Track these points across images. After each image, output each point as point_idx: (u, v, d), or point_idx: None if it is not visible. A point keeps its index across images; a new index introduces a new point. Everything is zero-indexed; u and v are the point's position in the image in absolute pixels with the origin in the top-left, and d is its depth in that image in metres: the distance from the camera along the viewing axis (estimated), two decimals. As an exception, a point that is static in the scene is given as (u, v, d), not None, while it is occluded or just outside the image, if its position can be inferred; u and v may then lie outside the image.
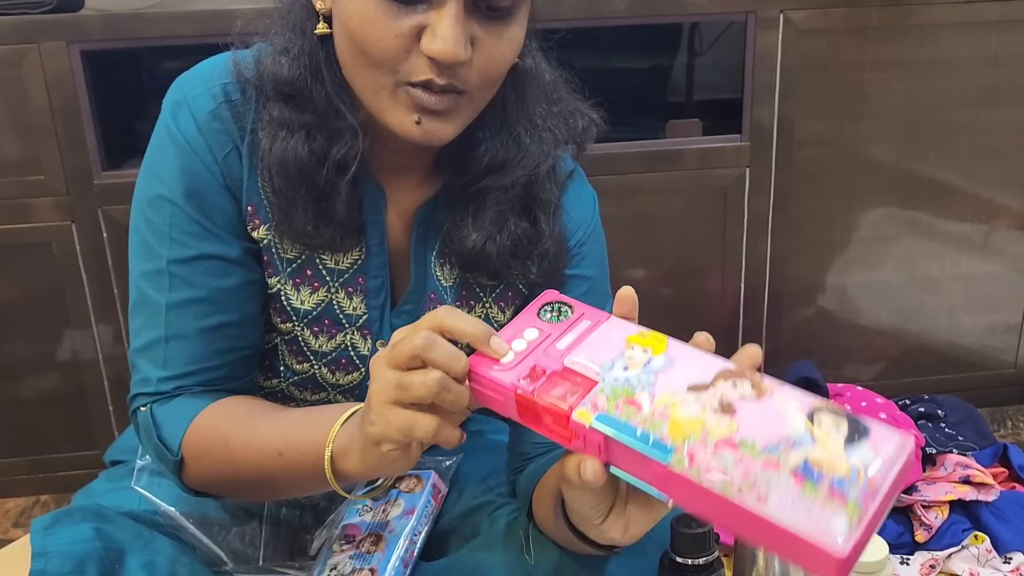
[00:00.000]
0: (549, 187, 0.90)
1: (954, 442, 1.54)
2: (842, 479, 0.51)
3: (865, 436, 0.54)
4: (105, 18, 1.46)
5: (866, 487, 0.51)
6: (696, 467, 0.54)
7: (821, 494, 0.51)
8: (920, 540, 1.39)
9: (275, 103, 0.83)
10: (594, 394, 0.61)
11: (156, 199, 0.84)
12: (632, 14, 1.56)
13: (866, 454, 0.53)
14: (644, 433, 0.57)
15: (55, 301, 1.56)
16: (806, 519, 0.50)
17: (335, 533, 0.98)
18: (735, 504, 0.52)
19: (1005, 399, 1.93)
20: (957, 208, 1.77)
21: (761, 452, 0.54)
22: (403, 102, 0.77)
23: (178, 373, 0.85)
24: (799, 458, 0.53)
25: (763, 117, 1.65)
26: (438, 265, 0.93)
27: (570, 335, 0.66)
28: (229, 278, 0.86)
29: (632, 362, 0.62)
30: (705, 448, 0.55)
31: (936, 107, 1.69)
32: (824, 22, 1.61)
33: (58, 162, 1.49)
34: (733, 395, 0.58)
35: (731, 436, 0.55)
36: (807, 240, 1.75)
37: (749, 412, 0.57)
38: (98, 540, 0.79)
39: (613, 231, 1.64)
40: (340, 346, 0.93)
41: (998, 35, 1.66)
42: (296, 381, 0.96)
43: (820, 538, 0.49)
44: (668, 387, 0.60)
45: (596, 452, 0.60)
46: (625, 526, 0.67)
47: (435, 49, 0.73)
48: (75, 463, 1.65)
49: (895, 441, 0.54)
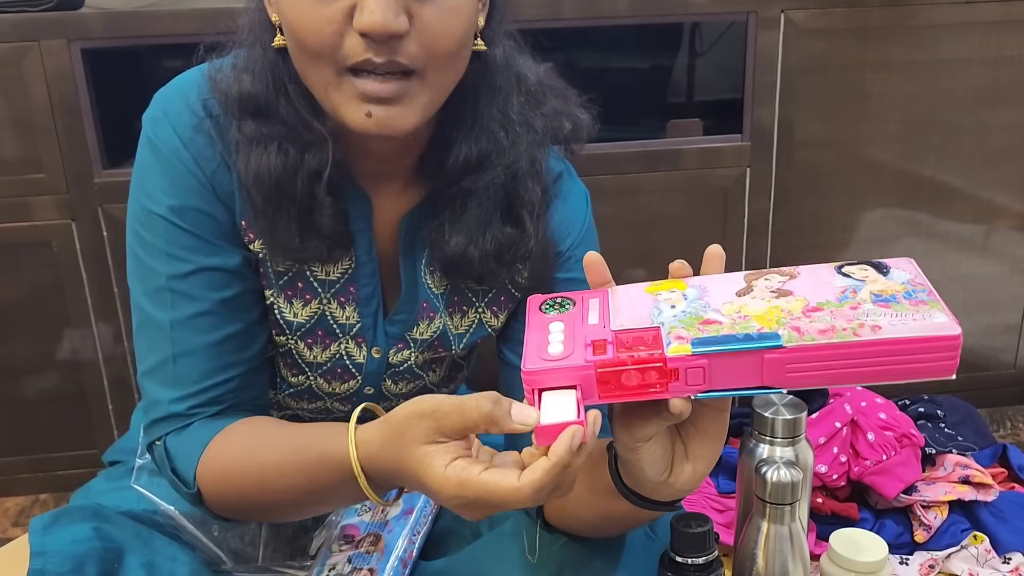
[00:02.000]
0: (532, 187, 0.88)
1: (953, 442, 1.54)
2: (908, 292, 0.61)
3: (888, 268, 0.64)
4: (105, 16, 1.46)
5: (925, 289, 0.61)
6: (808, 334, 0.59)
7: (907, 306, 0.60)
8: (919, 540, 1.39)
9: (244, 120, 0.82)
10: (668, 334, 0.62)
11: (147, 217, 0.84)
12: (633, 14, 1.55)
13: (901, 274, 0.63)
14: (743, 335, 0.60)
15: (55, 300, 1.56)
16: (919, 325, 0.58)
17: (334, 533, 0.98)
18: (858, 345, 0.58)
19: (1005, 399, 1.93)
20: (957, 209, 1.77)
21: (839, 303, 0.61)
22: (349, 94, 0.76)
23: (190, 392, 0.84)
24: (867, 294, 0.61)
25: (764, 117, 1.64)
26: (428, 273, 0.92)
27: (592, 313, 0.67)
28: (230, 288, 0.85)
29: (673, 300, 0.65)
30: (799, 319, 0.60)
31: (936, 108, 1.69)
32: (825, 22, 1.61)
33: (58, 160, 1.48)
34: (776, 284, 0.64)
35: (808, 305, 0.61)
36: (807, 241, 1.74)
37: (801, 287, 0.63)
38: (97, 540, 0.80)
39: (613, 231, 1.66)
40: (335, 356, 0.93)
41: (999, 36, 1.66)
42: (292, 392, 0.96)
43: (939, 331, 0.57)
44: (722, 301, 0.64)
45: (699, 381, 0.61)
46: (693, 467, 0.70)
47: (364, 22, 0.72)
48: (74, 462, 1.65)
49: (906, 262, 0.65)
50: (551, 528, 0.88)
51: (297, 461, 0.78)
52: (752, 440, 1.02)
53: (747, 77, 1.62)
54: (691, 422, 0.68)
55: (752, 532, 0.93)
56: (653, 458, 0.68)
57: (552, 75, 0.93)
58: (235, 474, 0.81)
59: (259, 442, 0.82)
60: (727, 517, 1.43)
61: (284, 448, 0.80)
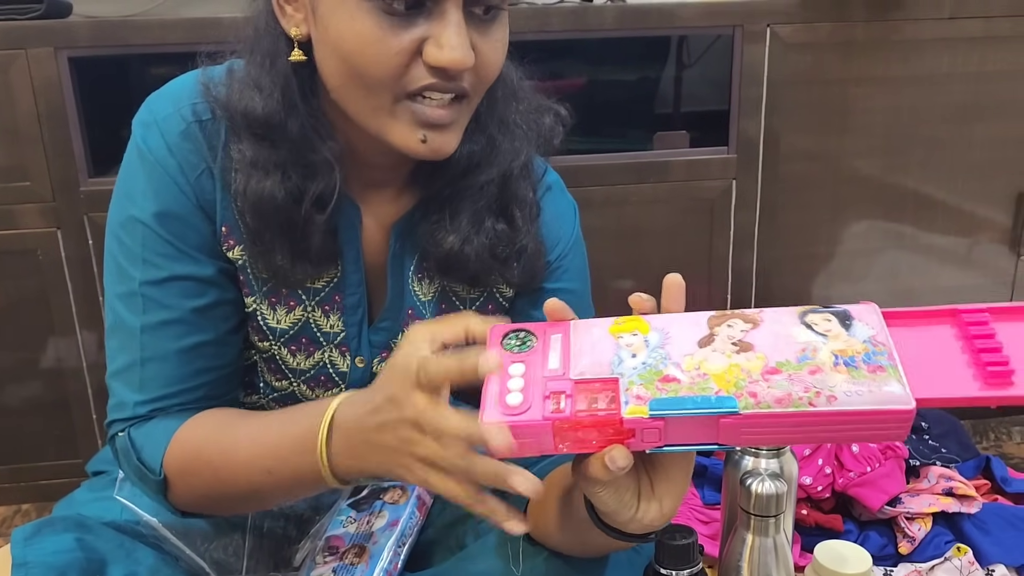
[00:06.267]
0: (524, 186, 0.90)
1: (937, 454, 1.55)
2: (868, 354, 0.59)
3: (852, 320, 0.62)
4: (93, 25, 1.45)
5: (885, 351, 0.59)
6: (763, 401, 0.59)
7: (865, 373, 0.58)
8: (903, 552, 1.39)
9: (247, 141, 0.81)
10: (626, 390, 0.61)
11: (128, 221, 0.83)
12: (620, 27, 1.57)
13: (863, 330, 0.61)
14: (700, 398, 0.60)
15: (39, 308, 1.55)
16: (874, 398, 0.57)
17: (319, 544, 0.97)
18: (813, 415, 0.58)
19: (988, 412, 1.94)
20: (940, 222, 1.79)
21: (799, 365, 0.60)
22: (405, 119, 0.76)
23: (155, 396, 0.84)
24: (828, 355, 0.60)
25: (750, 130, 1.66)
26: (416, 280, 0.92)
27: (553, 354, 0.65)
28: (203, 298, 0.85)
29: (634, 348, 0.64)
30: (757, 383, 0.59)
31: (920, 122, 1.71)
32: (810, 37, 1.62)
33: (44, 169, 1.48)
34: (736, 333, 0.63)
35: (767, 365, 0.60)
36: (792, 253, 1.76)
37: (762, 340, 0.62)
38: (79, 550, 0.79)
39: (600, 242, 1.66)
40: (318, 363, 0.93)
41: (981, 51, 1.68)
42: (276, 397, 0.96)
43: (893, 404, 0.57)
44: (683, 352, 0.63)
45: (654, 439, 0.61)
46: (659, 505, 0.67)
47: (445, 59, 0.72)
48: (58, 472, 1.64)
49: (869, 310, 0.63)
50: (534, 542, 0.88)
51: (264, 436, 0.78)
52: (737, 452, 1.02)
53: (733, 90, 1.64)
54: (655, 464, 0.67)
55: (737, 544, 0.93)
56: (617, 499, 0.66)
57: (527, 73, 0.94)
58: (202, 457, 0.81)
59: (228, 424, 0.82)
60: (712, 528, 1.44)
61: (253, 427, 0.80)
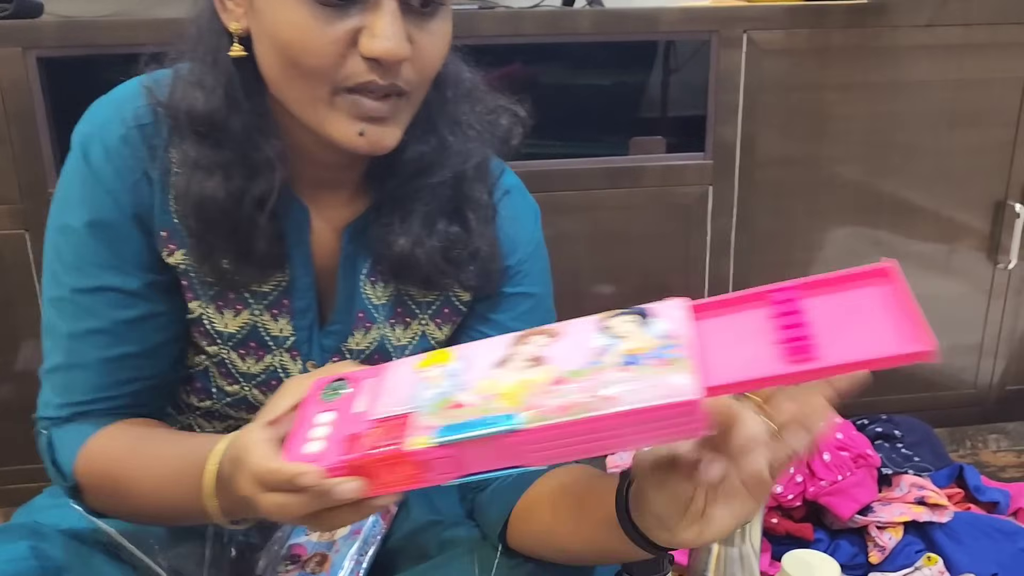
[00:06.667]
0: (478, 187, 0.89)
1: (910, 463, 1.55)
2: (658, 349, 0.57)
3: (652, 315, 0.61)
4: (62, 25, 1.44)
5: (677, 343, 0.57)
6: (546, 413, 0.57)
7: (651, 369, 0.56)
8: (874, 561, 1.39)
9: (190, 141, 0.80)
10: (416, 422, 0.61)
11: (63, 227, 0.83)
12: (596, 31, 1.56)
13: (661, 325, 0.60)
14: (484, 419, 0.58)
15: (5, 311, 1.53)
16: (654, 393, 0.54)
17: (281, 553, 0.96)
18: (594, 419, 0.55)
19: (965, 419, 1.95)
20: (919, 228, 1.79)
21: (588, 370, 0.58)
22: (344, 111, 0.76)
23: (76, 401, 0.85)
24: (617, 356, 0.58)
25: (726, 136, 1.65)
26: (369, 283, 0.91)
27: (362, 397, 0.66)
28: (131, 310, 0.84)
29: (432, 379, 0.64)
30: (543, 395, 0.58)
31: (898, 129, 1.71)
32: (787, 43, 1.62)
33: (12, 170, 1.46)
34: (534, 350, 0.62)
35: (556, 376, 0.59)
36: (769, 259, 1.75)
37: (556, 352, 0.61)
38: (34, 558, 0.78)
39: (575, 247, 1.66)
40: (269, 367, 0.92)
41: (959, 59, 1.68)
42: (229, 402, 0.95)
43: (674, 397, 0.54)
44: (478, 377, 0.62)
45: (450, 469, 0.60)
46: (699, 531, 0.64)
47: (378, 48, 0.72)
48: (24, 476, 1.62)
49: (674, 305, 0.61)
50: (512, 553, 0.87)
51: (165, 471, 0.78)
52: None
53: (710, 96, 1.64)
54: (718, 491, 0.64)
55: (703, 553, 0.93)
56: (666, 494, 0.65)
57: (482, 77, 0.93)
58: (110, 476, 0.82)
59: (136, 450, 0.82)
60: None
61: (157, 459, 0.80)
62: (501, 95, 0.93)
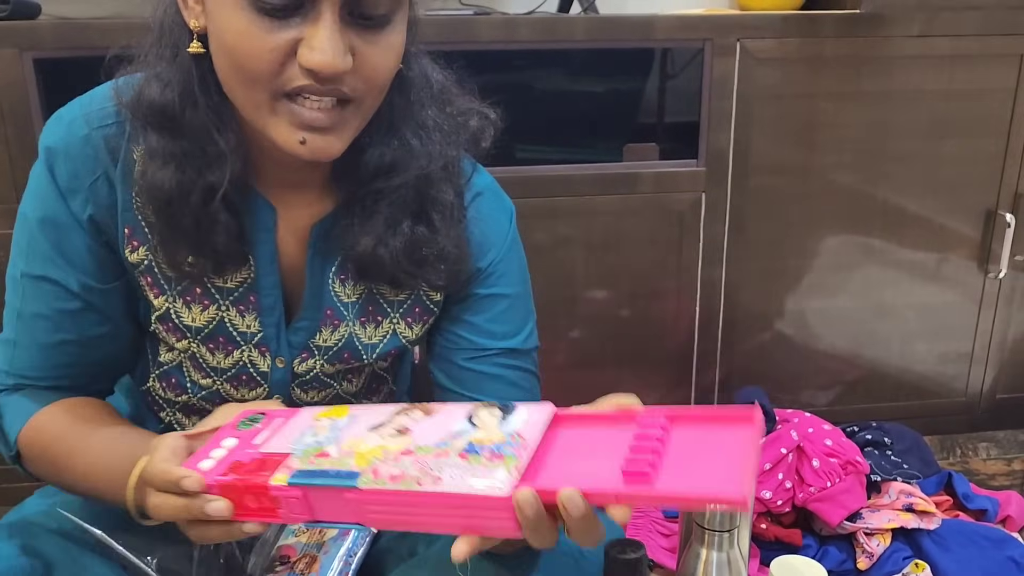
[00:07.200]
0: (445, 188, 0.89)
1: (899, 470, 1.55)
2: (499, 444, 0.61)
3: (513, 411, 0.65)
4: (58, 26, 1.44)
5: (518, 443, 0.61)
6: (381, 478, 0.62)
7: (483, 460, 0.60)
8: (862, 567, 1.40)
9: (149, 133, 0.82)
10: (287, 462, 0.67)
11: (23, 215, 0.87)
12: (590, 39, 1.57)
13: (515, 422, 0.63)
14: (334, 471, 0.64)
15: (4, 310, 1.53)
16: (471, 483, 0.59)
17: (271, 554, 0.97)
18: (417, 494, 0.60)
19: (955, 427, 1.96)
20: (910, 237, 1.80)
21: (433, 449, 0.63)
22: (285, 117, 0.76)
23: (21, 374, 0.90)
24: (464, 442, 0.62)
25: (719, 143, 1.66)
26: (338, 281, 0.92)
27: (265, 432, 0.73)
28: (69, 303, 0.88)
29: (319, 428, 0.70)
30: (386, 462, 0.63)
31: (889, 138, 1.72)
32: (780, 52, 1.63)
33: (7, 170, 1.47)
34: (407, 421, 0.67)
35: (407, 447, 0.64)
36: (761, 265, 1.76)
37: (421, 427, 0.66)
38: (24, 557, 0.80)
39: (570, 252, 1.67)
40: (238, 362, 0.93)
41: (950, 69, 1.69)
42: (204, 396, 0.96)
43: (487, 491, 0.58)
44: (352, 435, 0.68)
45: (300, 511, 0.66)
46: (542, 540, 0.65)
47: (314, 61, 0.72)
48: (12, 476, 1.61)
49: (538, 410, 0.65)
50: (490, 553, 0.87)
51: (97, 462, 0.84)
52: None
53: (703, 103, 1.64)
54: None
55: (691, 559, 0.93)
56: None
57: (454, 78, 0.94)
58: (48, 453, 0.87)
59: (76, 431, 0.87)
60: (672, 542, 1.44)
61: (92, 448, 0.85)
62: (472, 97, 0.94)
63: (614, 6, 1.95)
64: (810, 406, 1.83)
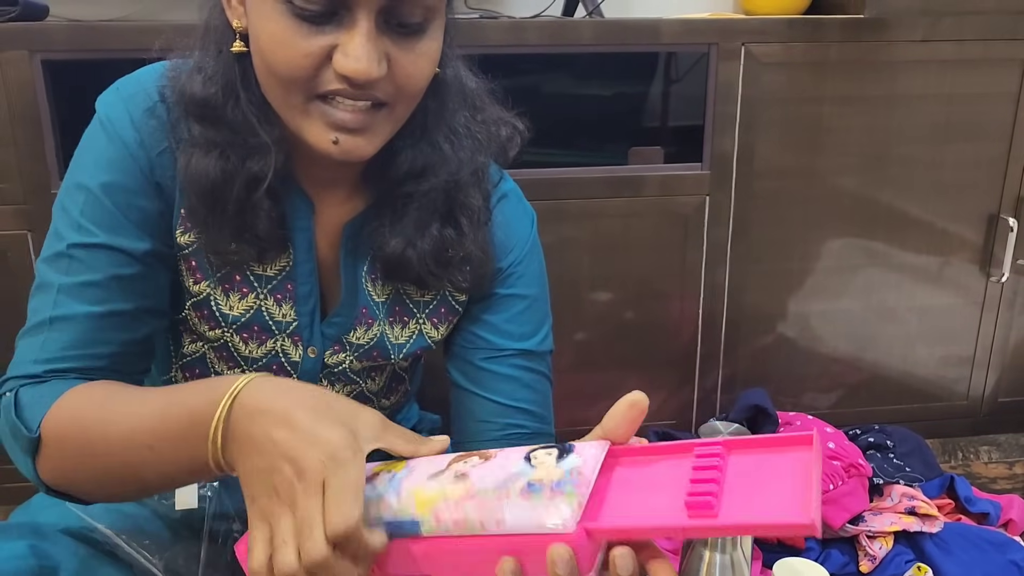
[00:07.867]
0: (474, 193, 0.90)
1: (901, 473, 1.56)
2: (559, 481, 0.60)
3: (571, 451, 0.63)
4: (69, 28, 1.45)
5: (577, 479, 0.60)
6: (444, 524, 0.62)
7: (544, 498, 0.59)
8: (864, 570, 1.40)
9: (191, 122, 0.83)
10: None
11: (74, 187, 0.83)
12: (597, 42, 1.58)
13: (573, 460, 0.62)
14: (396, 520, 0.64)
15: (9, 311, 1.54)
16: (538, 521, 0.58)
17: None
18: (482, 538, 0.60)
19: (957, 430, 1.96)
20: (913, 241, 1.80)
21: (493, 491, 0.62)
22: (318, 118, 0.77)
23: (54, 356, 0.81)
24: (523, 483, 0.61)
25: (724, 147, 1.67)
26: (369, 280, 0.93)
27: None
28: (129, 268, 0.84)
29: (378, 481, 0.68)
30: (448, 507, 0.62)
31: (893, 142, 1.72)
32: (785, 56, 1.63)
33: (16, 171, 1.47)
34: (465, 467, 0.66)
35: (467, 491, 0.62)
36: (765, 268, 1.77)
37: (480, 471, 0.64)
38: (32, 557, 0.80)
39: (576, 254, 1.67)
40: (270, 352, 0.93)
41: (953, 74, 1.70)
42: None
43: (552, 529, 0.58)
44: (411, 484, 0.66)
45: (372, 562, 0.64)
46: None
47: (349, 68, 0.73)
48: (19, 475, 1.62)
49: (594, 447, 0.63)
50: None
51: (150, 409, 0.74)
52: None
53: (708, 107, 1.65)
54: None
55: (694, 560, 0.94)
56: None
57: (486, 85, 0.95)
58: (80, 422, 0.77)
59: (116, 394, 0.78)
60: (676, 544, 1.44)
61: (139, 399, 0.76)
62: (503, 107, 0.95)
63: (619, 10, 1.96)
64: (813, 409, 1.84)
